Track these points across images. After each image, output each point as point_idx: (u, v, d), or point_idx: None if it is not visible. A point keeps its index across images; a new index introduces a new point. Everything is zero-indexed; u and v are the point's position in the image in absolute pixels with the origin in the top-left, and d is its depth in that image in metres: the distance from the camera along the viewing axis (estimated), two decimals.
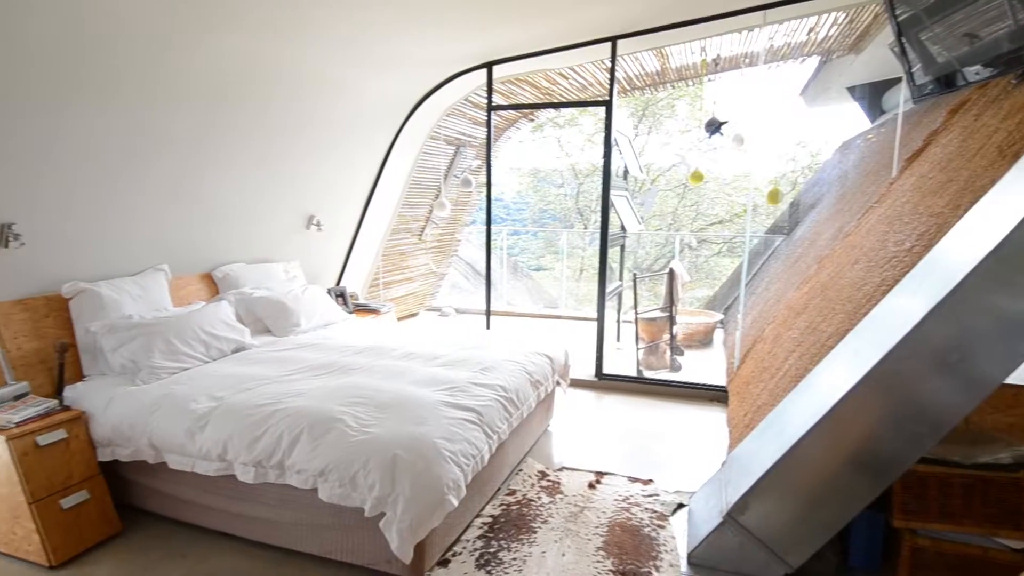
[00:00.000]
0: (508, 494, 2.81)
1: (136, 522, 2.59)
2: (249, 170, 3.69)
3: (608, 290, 4.52)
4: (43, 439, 2.31)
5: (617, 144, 4.48)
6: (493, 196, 4.65)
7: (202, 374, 2.78)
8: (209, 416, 2.37)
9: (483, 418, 2.45)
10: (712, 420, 3.84)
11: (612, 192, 4.35)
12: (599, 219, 5.05)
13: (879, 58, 4.30)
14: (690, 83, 5.80)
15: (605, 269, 4.39)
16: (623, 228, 5.41)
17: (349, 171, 4.66)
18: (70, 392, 2.67)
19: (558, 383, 3.55)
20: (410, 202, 5.72)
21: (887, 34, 3.47)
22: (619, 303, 5.90)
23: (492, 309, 4.89)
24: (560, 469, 3.09)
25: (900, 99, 3.73)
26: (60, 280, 2.85)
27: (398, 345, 3.32)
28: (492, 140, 4.60)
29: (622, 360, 5.04)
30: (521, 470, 3.05)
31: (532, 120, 6.96)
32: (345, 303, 4.68)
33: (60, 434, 2.38)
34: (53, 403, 2.46)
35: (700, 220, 12.69)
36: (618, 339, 5.71)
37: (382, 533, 2.00)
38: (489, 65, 4.40)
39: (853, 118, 5.95)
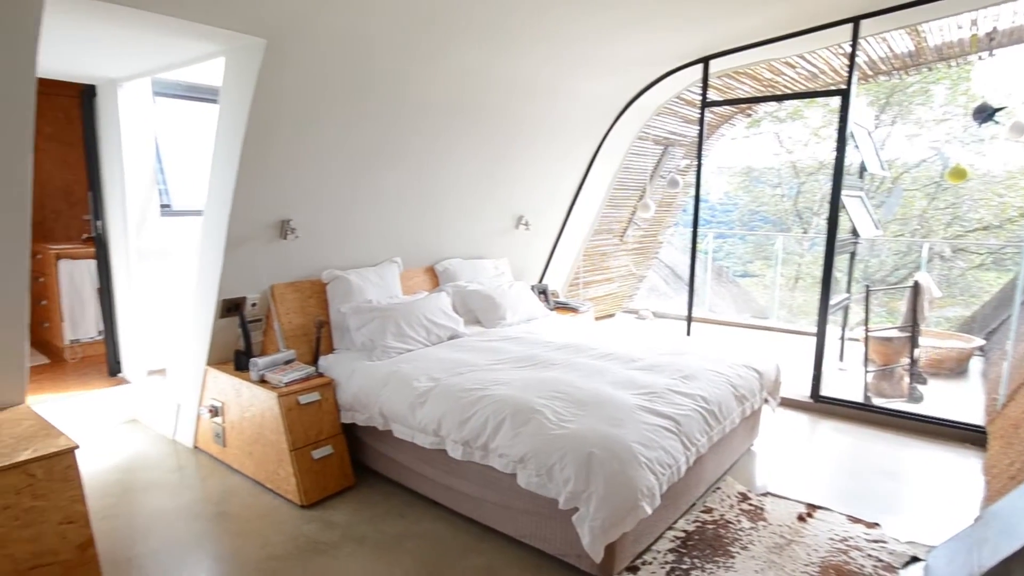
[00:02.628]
0: (704, 511, 2.67)
1: (365, 479, 2.99)
2: (469, 174, 4.02)
3: (832, 302, 4.03)
4: (303, 399, 2.80)
5: (853, 137, 3.97)
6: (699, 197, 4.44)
7: (423, 356, 3.11)
8: (428, 394, 2.64)
9: (681, 428, 2.37)
10: (961, 465, 3.21)
11: (844, 192, 3.87)
12: (823, 222, 4.52)
13: None
14: (953, 64, 4.90)
15: (830, 279, 3.93)
16: (855, 233, 4.77)
17: (557, 173, 4.82)
18: (323, 362, 3.17)
19: (766, 400, 3.28)
20: (614, 203, 5.72)
21: None
22: (844, 318, 5.23)
23: (693, 315, 4.69)
24: (764, 494, 2.85)
25: None
26: (321, 267, 3.42)
27: (596, 345, 3.35)
28: (704, 138, 4.39)
29: (845, 383, 4.46)
30: (719, 488, 2.88)
31: (749, 115, 6.50)
32: (546, 300, 4.86)
33: (315, 396, 2.85)
34: (311, 369, 2.96)
35: (957, 225, 10.65)
36: (841, 358, 5.07)
37: (575, 527, 2.05)
38: (705, 60, 4.21)
39: None
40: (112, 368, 4.09)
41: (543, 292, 4.90)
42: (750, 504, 2.74)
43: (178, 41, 2.60)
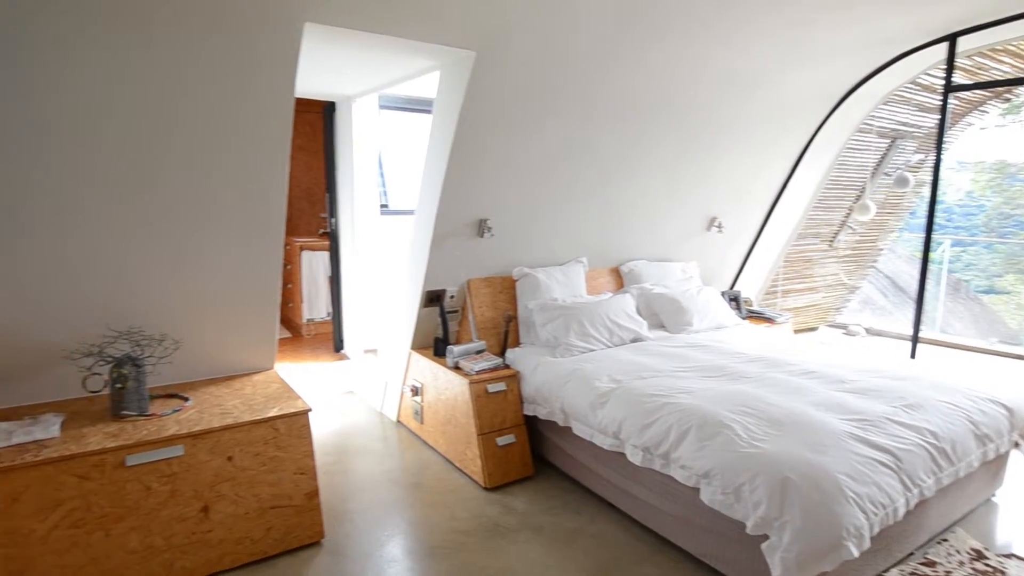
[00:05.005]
0: (924, 563, 2.29)
1: (543, 471, 3.09)
2: (660, 174, 3.91)
3: None
4: (491, 387, 2.97)
5: None
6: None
7: (605, 357, 3.11)
8: (609, 396, 2.64)
9: (901, 464, 2.06)
10: None
11: None
12: None
13: None
14: None
15: None
16: None
17: (759, 171, 4.48)
18: (510, 354, 3.33)
19: (1016, 444, 2.71)
20: (824, 204, 5.15)
21: None
22: None
23: (920, 335, 4.04)
24: (1008, 555, 2.37)
25: None
26: (512, 265, 3.60)
27: (795, 360, 3.06)
28: (945, 129, 3.75)
29: None
30: (946, 540, 2.45)
31: (1008, 100, 5.42)
32: (738, 308, 4.55)
33: (501, 386, 3.01)
34: (499, 361, 3.13)
35: None
36: None
37: (764, 555, 1.89)
38: (952, 37, 3.59)
39: None
40: (337, 345, 4.74)
41: (735, 299, 4.60)
42: (987, 564, 2.29)
43: (403, 59, 2.92)
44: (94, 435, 2.10)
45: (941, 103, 3.73)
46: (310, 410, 2.44)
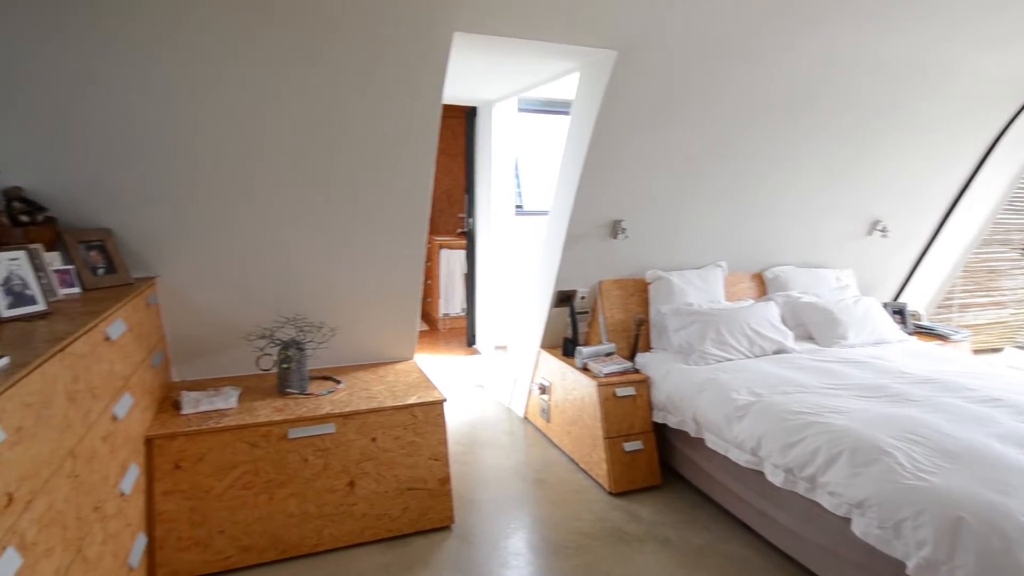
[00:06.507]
0: None
1: (671, 482, 2.98)
2: (813, 173, 3.60)
3: None
4: (620, 391, 2.93)
5: None
6: None
7: (743, 367, 2.93)
8: (747, 409, 2.48)
9: None
10: None
11: None
12: None
13: None
14: None
15: None
16: None
17: (935, 169, 3.96)
18: (640, 359, 3.26)
19: None
20: (1016, 206, 4.45)
21: None
22: None
23: None
24: None
25: None
26: (645, 267, 3.52)
27: (975, 384, 2.67)
28: None
29: None
30: None
31: None
32: (903, 322, 4.07)
33: (630, 391, 2.95)
34: (629, 365, 3.07)
35: None
36: None
37: None
38: None
39: None
40: (470, 340, 4.94)
41: (899, 312, 4.12)
42: None
43: (544, 62, 2.96)
44: (263, 408, 2.38)
45: None
46: (445, 400, 2.56)
